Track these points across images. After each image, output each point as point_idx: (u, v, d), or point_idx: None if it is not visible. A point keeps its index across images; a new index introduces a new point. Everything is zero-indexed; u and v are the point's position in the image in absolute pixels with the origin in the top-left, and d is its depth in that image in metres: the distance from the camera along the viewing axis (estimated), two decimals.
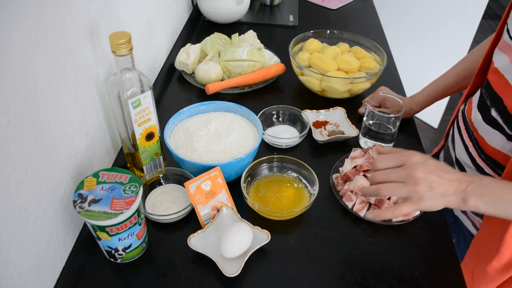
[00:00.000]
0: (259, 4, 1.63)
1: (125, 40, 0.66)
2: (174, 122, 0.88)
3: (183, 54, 1.17)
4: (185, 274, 0.71)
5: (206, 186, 0.76)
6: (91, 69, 0.76)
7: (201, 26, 1.47)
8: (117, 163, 0.89)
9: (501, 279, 0.79)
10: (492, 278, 0.79)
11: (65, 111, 0.68)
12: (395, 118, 0.90)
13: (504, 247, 0.75)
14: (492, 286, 0.80)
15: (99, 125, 0.81)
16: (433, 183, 0.63)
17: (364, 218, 0.80)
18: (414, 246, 0.77)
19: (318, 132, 0.99)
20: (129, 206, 0.64)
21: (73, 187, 0.72)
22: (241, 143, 0.84)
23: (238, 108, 0.91)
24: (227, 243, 0.70)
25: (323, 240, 0.77)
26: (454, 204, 0.64)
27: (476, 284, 0.82)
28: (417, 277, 0.72)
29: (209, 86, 1.08)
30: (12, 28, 0.53)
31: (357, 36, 1.20)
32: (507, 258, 0.76)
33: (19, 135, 0.56)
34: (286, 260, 0.74)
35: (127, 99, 0.72)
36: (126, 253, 0.70)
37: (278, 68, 1.16)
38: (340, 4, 1.65)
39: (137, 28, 0.99)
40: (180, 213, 0.77)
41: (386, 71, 1.23)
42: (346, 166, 0.86)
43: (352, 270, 0.73)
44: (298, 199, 0.82)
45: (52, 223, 0.66)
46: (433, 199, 0.64)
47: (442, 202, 0.64)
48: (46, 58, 0.62)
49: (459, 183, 0.64)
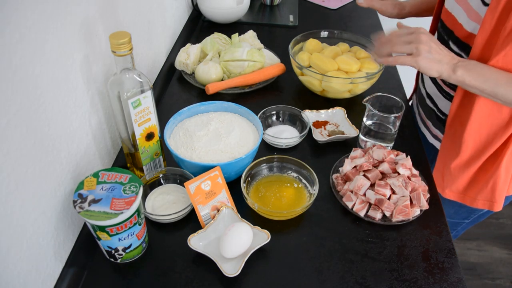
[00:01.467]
0: (259, 4, 1.63)
1: (125, 40, 0.66)
2: (174, 122, 0.88)
3: (183, 54, 1.17)
4: (185, 274, 0.71)
5: (206, 186, 0.76)
6: (91, 69, 0.76)
7: (201, 26, 1.47)
8: (117, 163, 0.89)
9: (463, 175, 0.96)
10: (456, 175, 0.96)
11: (65, 111, 0.68)
12: (395, 118, 0.90)
13: (464, 146, 0.91)
14: (458, 182, 0.97)
15: (99, 125, 0.81)
16: (433, 49, 0.79)
17: (364, 218, 0.80)
18: (414, 246, 0.77)
19: (318, 132, 0.99)
20: (129, 206, 0.64)
21: (73, 187, 0.72)
22: (241, 143, 0.84)
23: (238, 108, 0.91)
24: (227, 243, 0.70)
25: (323, 240, 0.77)
26: (445, 72, 0.79)
27: (445, 183, 0.99)
28: (417, 277, 0.72)
29: (209, 86, 1.08)
30: (12, 28, 0.53)
31: (357, 36, 1.20)
32: (467, 156, 0.93)
33: (19, 135, 0.56)
34: (286, 260, 0.74)
35: (127, 99, 0.72)
36: (126, 253, 0.70)
37: (278, 68, 1.16)
38: (340, 4, 1.65)
39: (137, 28, 0.99)
40: (180, 213, 0.77)
41: (386, 71, 1.23)
42: (346, 166, 0.86)
43: (352, 270, 0.73)
44: (298, 199, 0.82)
45: (52, 223, 0.66)
46: (430, 60, 0.78)
47: (436, 67, 0.79)
48: (46, 58, 0.62)
49: (452, 58, 0.80)
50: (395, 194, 0.80)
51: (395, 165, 0.84)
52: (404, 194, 0.79)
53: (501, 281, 1.82)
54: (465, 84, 0.79)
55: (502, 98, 0.78)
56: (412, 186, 0.81)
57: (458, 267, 0.74)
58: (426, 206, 0.80)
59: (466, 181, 0.97)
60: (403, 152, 0.87)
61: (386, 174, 0.83)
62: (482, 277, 1.83)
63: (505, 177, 0.93)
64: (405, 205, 0.78)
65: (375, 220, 0.80)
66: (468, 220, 1.12)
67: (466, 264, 1.87)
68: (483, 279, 1.83)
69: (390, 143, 0.95)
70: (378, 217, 0.79)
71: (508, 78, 0.76)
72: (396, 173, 0.83)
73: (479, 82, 0.77)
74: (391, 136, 0.94)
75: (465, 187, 0.98)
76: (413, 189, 0.81)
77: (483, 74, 0.77)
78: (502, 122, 0.86)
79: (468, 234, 2.01)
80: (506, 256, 1.91)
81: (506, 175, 0.93)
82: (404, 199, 0.79)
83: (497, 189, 0.94)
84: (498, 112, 0.85)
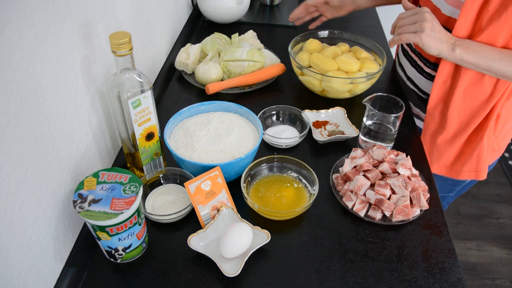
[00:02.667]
0: (259, 4, 1.63)
1: (125, 40, 0.66)
2: (174, 122, 0.88)
3: (183, 54, 1.17)
4: (185, 274, 0.71)
5: (206, 186, 0.76)
6: (91, 69, 0.76)
7: (201, 26, 1.47)
8: (117, 163, 0.89)
9: (450, 149, 1.02)
10: (443, 150, 1.03)
11: (65, 111, 0.68)
12: (395, 118, 0.90)
13: (449, 122, 0.98)
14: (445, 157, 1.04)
15: (99, 125, 0.81)
16: (435, 28, 0.84)
17: (364, 218, 0.80)
18: (414, 246, 0.77)
19: (318, 132, 0.99)
20: (129, 206, 0.64)
21: (73, 187, 0.72)
22: (241, 143, 0.84)
23: (238, 108, 0.91)
24: (227, 243, 0.70)
25: (323, 240, 0.77)
26: (445, 51, 0.85)
27: (432, 159, 1.06)
28: (417, 277, 0.72)
29: (209, 86, 1.08)
30: (12, 28, 0.53)
31: (357, 36, 1.20)
32: (453, 131, 0.99)
33: (19, 135, 0.56)
34: (286, 260, 0.74)
35: (127, 99, 0.72)
36: (126, 253, 0.70)
37: (278, 68, 1.16)
38: None
39: (137, 28, 0.99)
40: (180, 213, 0.77)
41: (386, 71, 1.23)
42: (346, 166, 0.86)
43: (352, 270, 0.73)
44: (298, 199, 0.82)
45: (52, 223, 0.66)
46: (431, 38, 0.84)
47: (437, 45, 0.84)
48: (46, 58, 0.62)
49: (450, 37, 0.86)
50: (395, 194, 0.80)
51: (395, 165, 0.84)
52: (404, 194, 0.79)
53: (501, 281, 1.82)
54: (463, 61, 0.86)
55: (497, 72, 0.85)
56: (412, 186, 0.81)
57: (458, 267, 0.74)
58: (426, 206, 0.80)
59: (453, 155, 1.04)
60: (403, 152, 0.87)
61: (386, 174, 0.83)
62: (482, 277, 1.83)
63: (487, 146, 1.00)
64: (405, 205, 0.78)
65: (375, 220, 0.80)
66: (452, 193, 1.19)
67: (466, 264, 1.87)
68: (483, 279, 1.82)
69: (390, 143, 0.95)
70: (378, 217, 0.79)
71: (500, 54, 0.84)
72: (396, 173, 0.83)
73: (476, 58, 0.84)
74: (391, 136, 0.94)
75: (452, 161, 1.05)
76: (413, 189, 0.81)
77: (478, 51, 0.84)
78: (485, 96, 0.92)
79: (468, 234, 2.01)
80: (506, 256, 1.91)
81: (488, 144, 1.00)
82: (404, 199, 0.79)
83: (481, 159, 1.01)
84: (481, 87, 0.91)
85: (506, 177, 2.29)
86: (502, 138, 1.04)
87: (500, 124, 0.98)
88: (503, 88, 0.90)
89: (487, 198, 2.17)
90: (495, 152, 1.06)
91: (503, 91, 0.91)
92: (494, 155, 1.07)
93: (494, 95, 0.91)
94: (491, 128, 0.97)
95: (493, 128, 0.97)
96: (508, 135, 1.05)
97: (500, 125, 0.98)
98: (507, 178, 2.28)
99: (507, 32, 0.82)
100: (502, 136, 1.03)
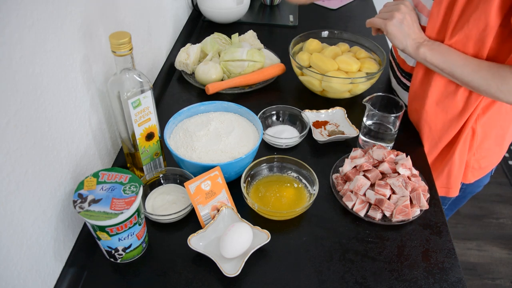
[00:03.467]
0: (259, 4, 1.63)
1: (125, 40, 0.66)
2: (174, 122, 0.88)
3: (183, 54, 1.17)
4: (185, 274, 0.71)
5: (206, 186, 0.76)
6: (91, 69, 0.76)
7: (201, 26, 1.47)
8: (117, 163, 0.89)
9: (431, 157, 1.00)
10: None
11: (65, 111, 0.68)
12: (395, 118, 0.90)
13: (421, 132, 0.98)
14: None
15: (99, 125, 0.81)
16: (406, 21, 0.85)
17: (364, 218, 0.80)
18: (414, 246, 0.77)
19: (318, 132, 0.99)
20: (129, 206, 0.64)
21: (73, 187, 0.72)
22: (241, 143, 0.84)
23: (238, 108, 0.91)
24: (227, 243, 0.70)
25: (323, 240, 0.77)
26: (409, 47, 0.85)
27: None
28: (417, 277, 0.72)
29: (209, 86, 1.08)
30: (12, 28, 0.53)
31: (357, 36, 1.20)
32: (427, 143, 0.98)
33: (19, 135, 0.56)
34: (286, 260, 0.74)
35: (127, 99, 0.72)
36: (126, 253, 0.70)
37: (278, 68, 1.16)
38: (340, 4, 1.65)
39: (137, 28, 0.99)
40: (180, 213, 0.77)
41: (386, 71, 1.23)
42: (346, 166, 0.86)
43: (352, 270, 0.73)
44: (298, 199, 0.82)
45: (52, 223, 0.66)
46: (397, 29, 0.85)
47: (402, 39, 0.85)
48: (46, 58, 0.62)
49: (420, 36, 0.86)
50: (395, 194, 0.80)
51: (395, 165, 0.84)
52: (404, 194, 0.79)
53: (501, 281, 1.82)
54: (426, 61, 0.85)
55: (459, 78, 0.83)
56: (412, 186, 0.81)
57: (458, 267, 0.74)
58: (426, 206, 0.80)
59: None
60: (403, 152, 0.87)
61: (386, 174, 0.83)
62: (482, 277, 1.83)
63: (459, 163, 0.97)
64: (405, 205, 0.78)
65: (375, 220, 0.80)
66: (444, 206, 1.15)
67: (466, 264, 1.87)
68: (483, 279, 1.83)
69: (390, 143, 0.95)
70: (378, 217, 0.79)
71: (465, 61, 0.81)
72: (396, 173, 0.83)
73: (439, 61, 0.83)
74: (391, 136, 0.94)
75: None
76: (413, 189, 0.81)
77: (443, 54, 0.83)
78: (457, 110, 0.90)
79: (468, 234, 2.01)
80: (506, 256, 1.91)
81: (460, 161, 0.97)
82: (404, 199, 0.79)
83: (452, 175, 0.99)
84: (452, 99, 0.89)
85: (506, 177, 2.29)
86: (482, 156, 0.99)
87: (477, 141, 0.95)
88: (476, 103, 0.87)
89: (487, 198, 2.18)
90: (476, 170, 1.02)
91: (476, 105, 0.87)
92: (476, 174, 1.03)
93: (466, 109, 0.88)
94: (465, 144, 0.94)
95: (467, 144, 0.94)
96: (490, 153, 1.00)
97: (477, 142, 0.95)
98: (507, 178, 2.29)
99: (475, 42, 0.79)
100: (482, 153, 0.98)
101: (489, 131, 0.94)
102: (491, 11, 0.74)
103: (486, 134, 0.94)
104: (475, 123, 0.92)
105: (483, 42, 0.78)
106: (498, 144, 1.00)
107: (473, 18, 0.77)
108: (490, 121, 0.93)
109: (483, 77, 0.79)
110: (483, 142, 0.96)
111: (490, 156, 1.01)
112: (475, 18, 0.76)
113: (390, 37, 0.87)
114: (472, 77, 0.80)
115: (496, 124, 0.94)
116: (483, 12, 0.75)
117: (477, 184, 1.07)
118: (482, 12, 0.75)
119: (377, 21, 0.88)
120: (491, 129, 0.94)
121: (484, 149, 0.98)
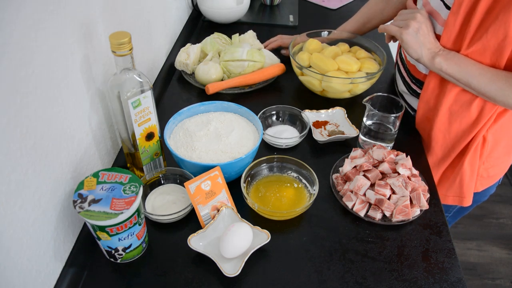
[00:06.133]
0: (259, 4, 1.63)
1: (125, 40, 0.66)
2: (174, 122, 0.88)
3: (183, 54, 1.17)
4: (185, 274, 0.71)
5: (206, 186, 0.76)
6: (91, 69, 0.76)
7: (201, 26, 1.47)
8: (117, 163, 0.89)
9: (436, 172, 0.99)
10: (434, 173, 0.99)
11: (65, 111, 0.68)
12: (395, 118, 0.90)
13: (433, 143, 0.96)
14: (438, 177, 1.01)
15: (99, 125, 0.81)
16: (421, 31, 0.83)
17: (364, 218, 0.80)
18: (414, 246, 0.77)
19: (318, 132, 0.99)
20: (129, 206, 0.64)
21: (73, 187, 0.72)
22: (241, 143, 0.84)
23: (238, 108, 0.91)
24: (227, 243, 0.70)
25: (323, 240, 0.77)
26: (425, 57, 0.84)
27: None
28: (417, 277, 0.72)
29: (209, 86, 1.08)
30: (12, 28, 0.53)
31: (357, 36, 1.20)
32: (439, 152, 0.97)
33: (19, 135, 0.56)
34: (286, 260, 0.74)
35: (127, 99, 0.72)
36: (126, 253, 0.70)
37: (278, 68, 1.16)
38: (340, 4, 1.65)
39: (137, 28, 0.99)
40: (180, 213, 0.77)
41: (386, 71, 1.23)
42: (346, 166, 0.86)
43: (352, 270, 0.73)
44: (298, 199, 0.82)
45: (52, 223, 0.66)
46: (412, 38, 0.84)
47: (417, 48, 0.84)
48: (46, 58, 0.62)
49: (436, 46, 0.84)
50: (395, 194, 0.80)
51: (395, 165, 0.84)
52: (404, 194, 0.79)
53: (501, 281, 1.82)
54: (441, 71, 0.84)
55: (475, 88, 0.82)
56: (412, 186, 0.81)
57: (458, 267, 0.74)
58: (426, 206, 0.80)
59: (438, 178, 1.01)
60: (403, 152, 0.87)
61: (386, 174, 0.83)
62: (482, 277, 1.83)
63: (470, 172, 0.96)
64: (405, 205, 0.78)
65: (375, 220, 0.80)
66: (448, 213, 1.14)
67: (466, 264, 1.88)
68: (483, 279, 1.83)
69: (390, 143, 0.95)
70: (378, 217, 0.79)
71: (481, 71, 0.80)
72: (396, 173, 0.83)
73: (455, 71, 0.82)
74: (391, 136, 0.94)
75: (437, 184, 1.01)
76: (413, 189, 0.81)
77: (459, 64, 0.81)
78: (471, 119, 0.89)
79: (468, 234, 2.01)
80: (506, 256, 1.91)
81: (471, 170, 0.96)
82: (404, 199, 0.79)
83: (464, 185, 0.98)
84: (467, 109, 0.88)
85: (506, 177, 2.29)
86: (491, 165, 0.98)
87: (487, 149, 0.94)
88: (491, 112, 0.86)
89: (487, 198, 2.17)
90: (484, 179, 1.01)
91: (490, 115, 0.87)
92: (484, 183, 1.02)
93: (480, 119, 0.87)
94: (476, 152, 0.93)
95: (478, 153, 0.93)
96: (499, 162, 0.99)
97: (487, 150, 0.94)
98: (507, 178, 2.29)
99: (492, 52, 0.78)
100: (491, 162, 0.98)
101: (500, 139, 0.94)
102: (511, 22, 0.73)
103: (496, 143, 0.94)
104: (487, 132, 0.91)
105: (501, 52, 0.77)
106: (507, 153, 0.99)
107: (492, 28, 0.75)
108: (501, 129, 0.92)
109: (500, 87, 0.79)
110: (493, 151, 0.95)
111: (498, 165, 1.01)
112: (494, 29, 0.75)
113: (404, 46, 0.85)
114: (489, 88, 0.80)
115: (507, 132, 0.93)
116: (503, 23, 0.74)
117: (483, 193, 1.06)
118: (502, 23, 0.74)
119: (392, 29, 0.87)
120: (502, 138, 0.94)
121: (494, 158, 0.97)
